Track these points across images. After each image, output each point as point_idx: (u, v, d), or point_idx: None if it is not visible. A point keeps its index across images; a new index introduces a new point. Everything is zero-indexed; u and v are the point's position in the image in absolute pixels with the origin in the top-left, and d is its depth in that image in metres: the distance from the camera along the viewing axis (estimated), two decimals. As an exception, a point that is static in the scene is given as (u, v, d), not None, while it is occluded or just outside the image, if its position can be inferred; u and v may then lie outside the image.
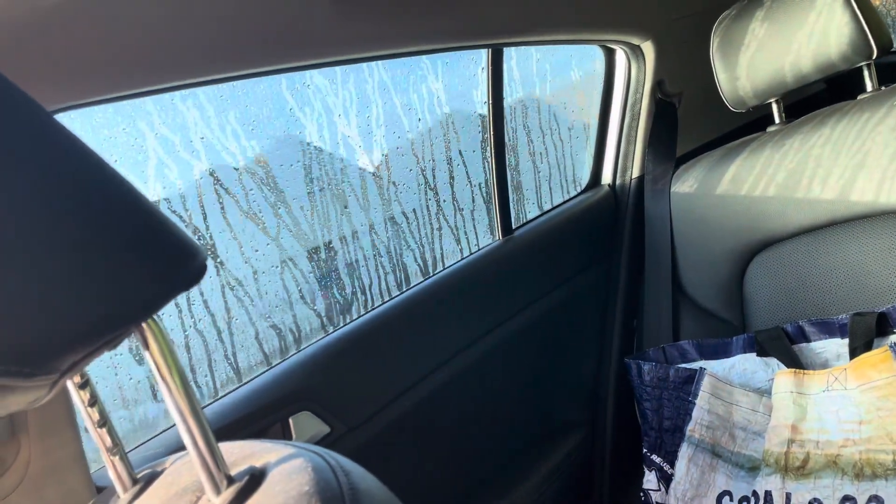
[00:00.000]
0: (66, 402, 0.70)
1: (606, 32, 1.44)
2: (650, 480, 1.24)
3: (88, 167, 0.35)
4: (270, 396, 0.98)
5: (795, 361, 1.15)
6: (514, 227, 1.41)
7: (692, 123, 1.67)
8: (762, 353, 1.20)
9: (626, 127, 1.60)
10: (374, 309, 1.16)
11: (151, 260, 0.36)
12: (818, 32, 1.18)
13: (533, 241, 1.42)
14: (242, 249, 1.16)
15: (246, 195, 1.16)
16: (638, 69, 1.56)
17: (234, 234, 1.14)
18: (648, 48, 1.53)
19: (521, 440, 1.40)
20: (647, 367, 1.29)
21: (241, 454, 0.43)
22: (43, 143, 0.34)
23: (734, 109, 1.33)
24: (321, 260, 1.29)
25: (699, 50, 1.45)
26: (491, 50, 1.30)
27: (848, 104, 1.21)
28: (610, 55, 1.57)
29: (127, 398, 1.06)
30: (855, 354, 1.08)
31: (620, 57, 1.56)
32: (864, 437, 1.01)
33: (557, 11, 1.26)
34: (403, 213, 1.44)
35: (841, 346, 1.12)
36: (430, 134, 1.47)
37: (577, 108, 1.76)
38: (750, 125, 1.65)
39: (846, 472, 1.01)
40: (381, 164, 1.41)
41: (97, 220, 0.34)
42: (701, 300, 1.40)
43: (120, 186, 0.36)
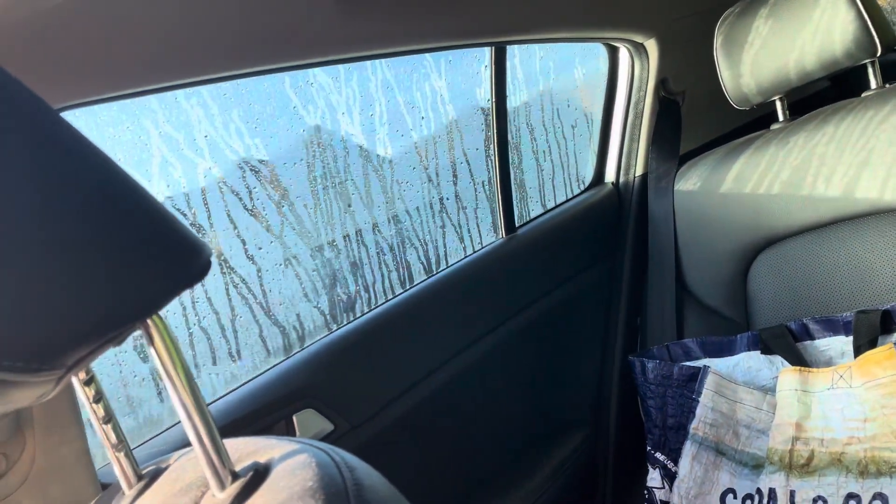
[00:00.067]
0: (71, 398, 0.71)
1: (610, 30, 1.44)
2: (654, 478, 1.24)
3: (94, 164, 0.35)
4: (275, 394, 0.98)
5: (800, 359, 1.15)
6: (517, 225, 1.41)
7: (696, 121, 1.67)
8: (766, 350, 1.20)
9: (629, 125, 1.59)
10: (377, 307, 1.16)
11: (156, 256, 0.36)
12: (822, 30, 1.17)
13: (536, 239, 1.42)
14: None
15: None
16: (641, 67, 1.55)
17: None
18: (652, 46, 1.53)
19: (524, 438, 1.40)
20: (650, 364, 1.29)
21: (245, 450, 0.43)
22: (48, 140, 0.34)
23: (738, 107, 1.33)
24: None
25: (703, 48, 1.45)
26: (494, 48, 1.30)
27: (852, 102, 1.21)
28: (613, 53, 1.57)
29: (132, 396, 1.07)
30: (859, 352, 1.08)
31: (624, 55, 1.56)
32: (868, 434, 1.01)
33: (560, 9, 1.26)
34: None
35: (845, 343, 1.12)
36: (433, 132, 1.48)
37: (580, 105, 1.76)
38: (754, 123, 1.64)
39: (850, 469, 1.01)
40: (384, 161, 1.41)
41: (102, 216, 0.34)
42: (705, 298, 1.40)
43: (125, 183, 0.36)
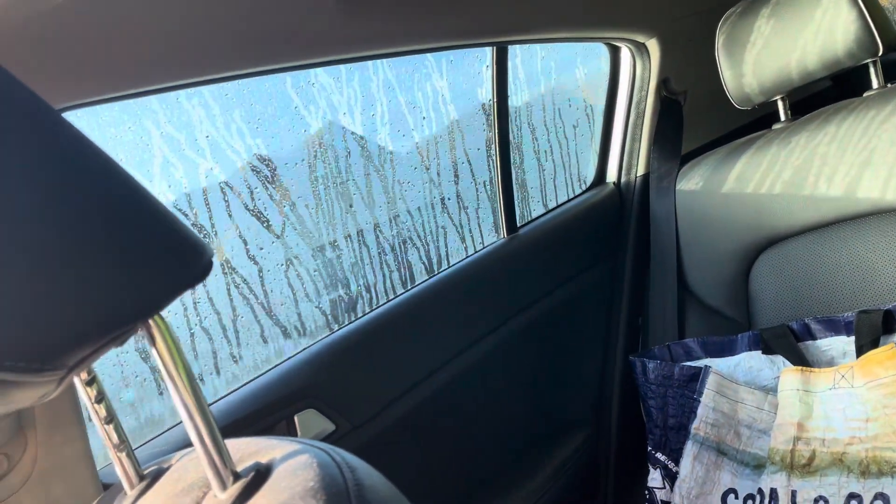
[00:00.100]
0: (72, 398, 0.71)
1: (611, 30, 1.44)
2: (655, 479, 1.24)
3: (95, 165, 0.35)
4: (276, 394, 0.98)
5: (801, 359, 1.15)
6: (518, 225, 1.41)
7: (697, 121, 1.67)
8: (768, 350, 1.20)
9: (631, 125, 1.59)
10: (379, 307, 1.16)
11: (158, 257, 0.36)
12: (824, 30, 1.17)
13: (538, 239, 1.42)
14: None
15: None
16: (643, 67, 1.55)
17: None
18: (653, 46, 1.52)
19: (525, 438, 1.40)
20: (651, 365, 1.29)
21: (246, 450, 0.43)
22: (49, 141, 0.34)
23: (740, 107, 1.33)
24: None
25: (704, 47, 1.45)
26: (495, 48, 1.30)
27: (854, 101, 1.21)
28: (615, 53, 1.57)
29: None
30: (861, 352, 1.08)
31: (625, 55, 1.56)
32: (870, 434, 1.01)
33: (562, 9, 1.26)
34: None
35: (847, 343, 1.12)
36: (434, 132, 1.48)
37: (581, 105, 1.76)
38: (755, 123, 1.64)
39: (852, 469, 1.01)
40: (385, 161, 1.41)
41: (103, 217, 0.35)
42: (706, 298, 1.40)
43: (126, 184, 0.36)
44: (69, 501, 0.70)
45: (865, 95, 1.21)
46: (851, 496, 1.00)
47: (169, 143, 1.06)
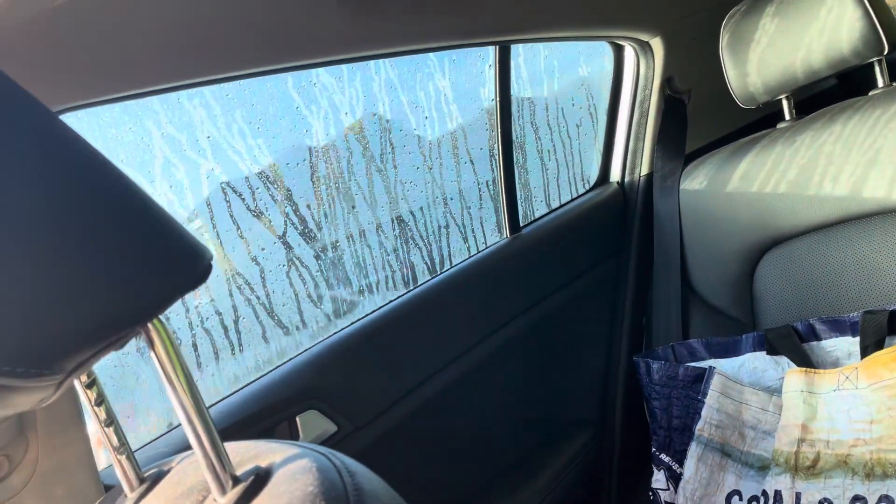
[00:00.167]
0: (73, 400, 0.71)
1: (615, 29, 1.43)
2: (659, 480, 1.24)
3: (93, 168, 0.35)
4: (278, 395, 0.98)
5: (806, 360, 1.14)
6: (521, 224, 1.40)
7: (701, 120, 1.66)
8: (772, 351, 1.19)
9: (634, 124, 1.59)
10: (381, 307, 1.16)
11: (157, 260, 0.36)
12: (829, 28, 1.16)
13: (541, 238, 1.41)
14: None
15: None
16: (647, 66, 1.55)
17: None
18: (657, 45, 1.52)
19: (528, 439, 1.39)
20: (655, 365, 1.29)
21: (246, 454, 0.43)
22: (47, 144, 0.34)
23: (744, 106, 1.32)
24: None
25: (709, 46, 1.44)
26: (498, 47, 1.29)
27: (859, 100, 1.20)
28: (619, 52, 1.57)
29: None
30: (866, 353, 1.07)
31: (629, 53, 1.55)
32: (874, 436, 1.00)
33: (565, 8, 1.25)
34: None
35: (852, 344, 1.11)
36: (437, 131, 1.48)
37: (585, 104, 1.75)
38: (760, 122, 1.63)
39: (857, 471, 1.00)
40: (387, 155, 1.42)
41: (102, 220, 0.34)
42: (710, 298, 1.39)
43: (125, 187, 0.36)
44: (70, 503, 0.70)
45: (871, 94, 1.20)
46: (856, 498, 0.99)
47: (170, 143, 1.06)
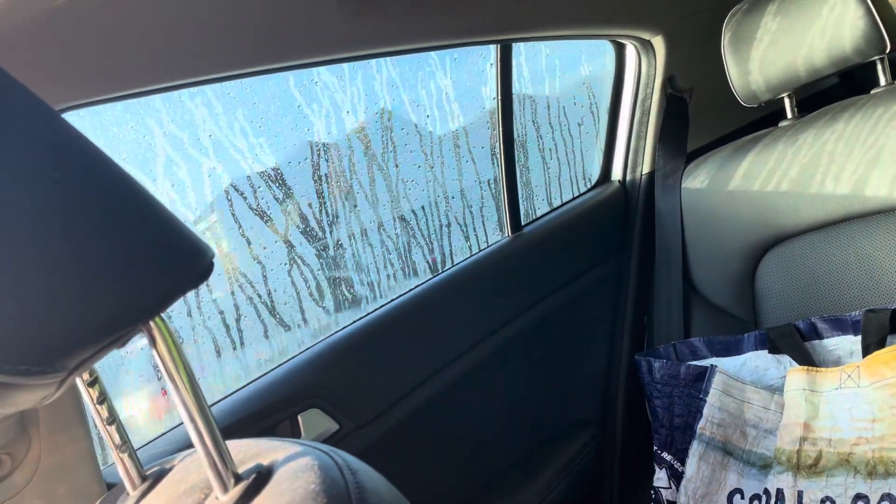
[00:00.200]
0: (76, 397, 0.71)
1: (617, 27, 1.43)
2: (661, 478, 1.24)
3: (96, 166, 0.35)
4: (280, 393, 0.98)
5: (808, 359, 1.14)
6: (523, 223, 1.40)
7: (703, 119, 1.66)
8: (774, 350, 1.19)
9: (636, 122, 1.58)
10: (383, 306, 1.16)
11: (159, 258, 0.36)
12: (831, 26, 1.16)
13: (543, 237, 1.41)
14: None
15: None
16: (648, 64, 1.55)
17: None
18: (659, 43, 1.52)
19: (530, 437, 1.39)
20: (657, 364, 1.29)
21: (248, 452, 0.43)
22: (50, 142, 0.34)
23: (746, 104, 1.32)
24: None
25: (710, 45, 1.44)
26: (500, 45, 1.29)
27: (861, 99, 1.20)
28: (620, 50, 1.56)
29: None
30: (868, 352, 1.07)
31: (631, 52, 1.55)
32: (876, 435, 1.00)
33: (567, 6, 1.25)
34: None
35: (854, 343, 1.11)
36: (438, 130, 1.48)
37: (586, 103, 1.75)
38: (762, 120, 1.63)
39: (859, 470, 1.00)
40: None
41: (104, 219, 0.34)
42: (712, 297, 1.39)
43: (127, 185, 0.36)
44: (72, 501, 0.70)
45: (873, 93, 1.20)
46: (858, 497, 0.99)
47: (172, 142, 1.06)
